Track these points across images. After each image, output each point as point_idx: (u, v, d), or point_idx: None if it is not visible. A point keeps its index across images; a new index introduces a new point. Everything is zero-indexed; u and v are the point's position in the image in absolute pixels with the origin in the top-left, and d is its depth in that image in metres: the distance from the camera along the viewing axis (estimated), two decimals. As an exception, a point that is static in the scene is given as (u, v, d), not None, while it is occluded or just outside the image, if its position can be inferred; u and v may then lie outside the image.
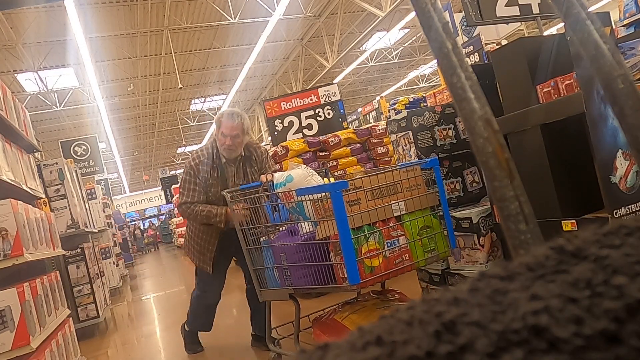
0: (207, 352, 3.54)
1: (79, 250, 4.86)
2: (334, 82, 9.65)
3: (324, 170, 2.61)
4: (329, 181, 2.56)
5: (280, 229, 2.46)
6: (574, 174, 2.37)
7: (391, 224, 2.15)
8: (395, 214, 2.17)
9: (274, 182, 2.43)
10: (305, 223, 2.26)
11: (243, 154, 2.94)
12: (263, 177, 2.72)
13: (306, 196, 2.11)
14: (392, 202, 2.16)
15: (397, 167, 2.27)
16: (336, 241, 2.02)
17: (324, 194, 2.04)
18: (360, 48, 13.13)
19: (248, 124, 2.94)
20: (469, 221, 2.77)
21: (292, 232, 2.35)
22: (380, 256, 2.07)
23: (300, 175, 2.35)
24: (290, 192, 2.25)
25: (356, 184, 2.09)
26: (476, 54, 5.50)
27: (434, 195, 2.30)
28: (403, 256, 2.16)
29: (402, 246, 2.15)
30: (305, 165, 2.53)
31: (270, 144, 5.40)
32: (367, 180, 2.11)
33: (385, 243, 2.10)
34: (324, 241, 2.12)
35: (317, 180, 2.35)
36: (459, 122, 3.12)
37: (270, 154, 3.20)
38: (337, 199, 1.93)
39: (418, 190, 2.24)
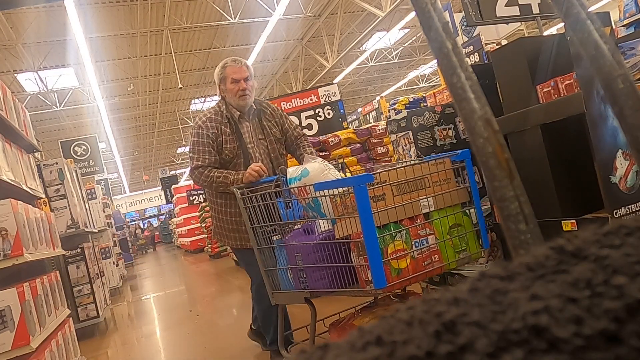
0: (207, 352, 3.54)
1: (79, 250, 4.86)
2: (334, 82, 9.65)
3: (340, 165, 2.42)
4: (345, 176, 2.37)
5: (294, 227, 2.26)
6: (574, 174, 2.37)
7: (419, 222, 1.96)
8: (424, 211, 1.98)
9: (288, 176, 2.24)
10: (322, 221, 2.07)
11: (254, 107, 2.71)
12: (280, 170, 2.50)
13: (324, 191, 1.94)
14: (420, 197, 1.98)
15: (425, 160, 2.11)
16: (358, 241, 1.86)
17: (343, 189, 1.87)
18: (360, 48, 13.13)
19: (253, 71, 2.76)
20: (469, 221, 2.77)
21: (308, 231, 2.16)
22: (408, 257, 1.90)
23: (316, 169, 2.16)
24: (306, 188, 2.07)
25: (381, 178, 1.90)
26: (476, 54, 5.51)
27: (464, 191, 2.13)
28: (432, 257, 1.98)
29: (432, 246, 1.98)
30: (321, 159, 2.29)
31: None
32: (393, 173, 1.93)
33: (412, 243, 1.93)
34: (344, 240, 1.95)
35: (334, 174, 2.17)
36: (459, 122, 3.12)
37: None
38: (362, 193, 1.75)
39: (448, 185, 2.07)
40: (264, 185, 2.41)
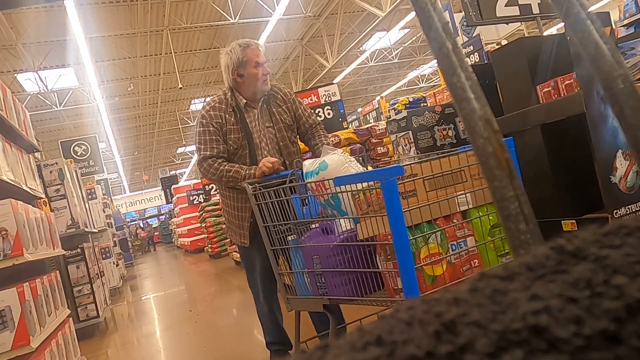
0: (207, 352, 3.54)
1: (79, 250, 4.86)
2: (334, 82, 9.65)
3: (360, 158, 2.21)
4: (367, 169, 2.12)
5: (311, 226, 2.03)
6: (574, 174, 2.37)
7: (455, 222, 1.72)
8: (461, 209, 1.75)
9: (304, 170, 2.04)
10: (343, 220, 1.85)
11: (266, 92, 2.52)
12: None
13: (345, 187, 1.72)
14: (456, 193, 1.74)
15: (461, 150, 1.85)
16: (386, 243, 1.65)
17: (368, 183, 1.66)
18: (360, 48, 13.13)
19: None
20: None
21: (327, 231, 1.93)
22: (444, 262, 1.67)
23: (336, 161, 1.93)
24: (324, 183, 1.85)
25: (412, 170, 1.67)
26: (476, 54, 5.51)
27: None
28: (471, 262, 1.74)
29: (470, 249, 1.74)
30: (341, 150, 2.04)
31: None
32: (425, 166, 1.69)
33: (449, 246, 1.70)
34: (368, 242, 1.73)
35: (355, 167, 1.94)
36: (459, 122, 3.12)
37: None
38: (391, 188, 1.51)
39: None
40: (278, 180, 2.23)
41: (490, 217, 1.79)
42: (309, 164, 2.03)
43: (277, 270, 2.15)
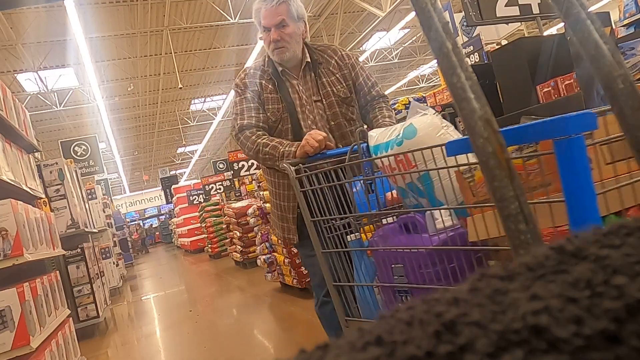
0: (207, 352, 3.54)
1: (79, 250, 4.86)
2: (334, 82, 9.63)
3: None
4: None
5: (383, 221, 1.54)
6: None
7: None
8: None
9: (370, 143, 1.55)
10: (441, 213, 1.28)
11: (309, 58, 2.01)
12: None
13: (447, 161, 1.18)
14: None
15: None
16: None
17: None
18: (360, 48, 13.13)
19: (299, 7, 1.97)
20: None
21: (409, 228, 1.38)
22: None
23: (429, 126, 1.36)
24: (409, 157, 1.32)
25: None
26: (476, 54, 5.51)
27: None
28: None
29: None
30: (432, 109, 1.43)
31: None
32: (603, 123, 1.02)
33: None
34: (489, 248, 1.15)
35: (454, 134, 1.37)
36: (459, 122, 3.12)
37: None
38: (576, 152, 0.82)
39: None
40: (330, 159, 1.79)
41: None
42: (379, 134, 1.52)
43: (331, 281, 1.62)
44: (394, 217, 1.51)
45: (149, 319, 5.67)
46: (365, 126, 2.09)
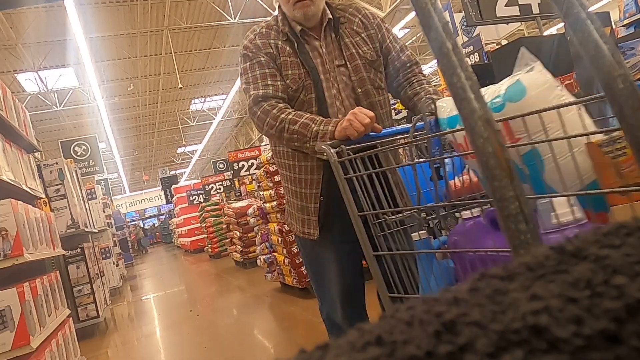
0: (207, 352, 3.54)
1: (79, 250, 4.86)
2: (334, 82, 9.65)
3: None
4: None
5: (461, 214, 1.21)
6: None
7: None
8: None
9: (444, 115, 1.25)
10: (552, 204, 0.93)
11: (330, 15, 1.70)
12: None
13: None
14: None
15: None
16: None
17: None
18: (360, 48, 13.13)
19: None
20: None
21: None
22: None
23: (541, 83, 1.03)
24: (511, 127, 1.01)
25: None
26: (476, 54, 5.51)
27: None
28: None
29: None
30: (542, 66, 1.08)
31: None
32: None
33: None
34: None
35: (569, 96, 1.05)
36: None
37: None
38: None
39: None
40: (377, 140, 1.43)
41: None
42: (449, 104, 1.25)
43: (386, 292, 1.30)
44: (469, 209, 1.18)
45: (149, 319, 5.67)
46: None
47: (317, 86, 1.64)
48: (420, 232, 1.26)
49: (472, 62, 5.30)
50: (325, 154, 1.37)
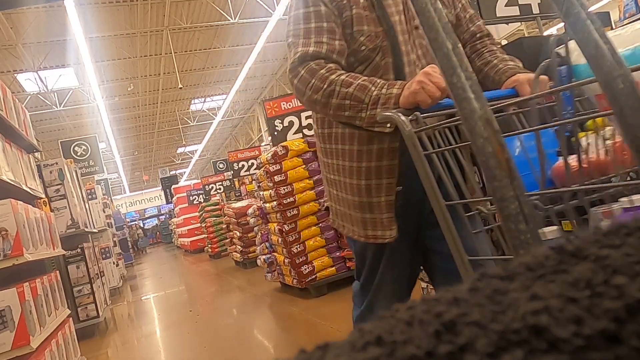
0: (207, 352, 3.54)
1: (79, 250, 4.86)
2: (334, 82, 9.64)
3: None
4: None
5: (621, 199, 0.91)
6: (574, 174, 2.37)
7: None
8: None
9: (579, 60, 0.94)
10: None
11: None
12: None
13: None
14: None
15: None
16: None
17: None
18: (360, 48, 13.13)
19: None
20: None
21: None
22: None
23: None
24: None
25: None
26: (476, 54, 5.50)
27: None
28: None
29: None
30: None
31: (270, 144, 5.40)
32: None
33: None
34: None
35: None
36: (459, 122, 3.12)
37: None
38: None
39: None
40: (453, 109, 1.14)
41: None
42: (577, 47, 0.79)
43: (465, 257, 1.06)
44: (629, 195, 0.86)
45: (149, 319, 5.67)
46: None
47: (395, 50, 1.32)
48: (548, 230, 0.87)
49: (472, 62, 5.30)
50: (389, 125, 1.07)
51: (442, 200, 0.99)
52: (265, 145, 10.89)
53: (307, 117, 5.25)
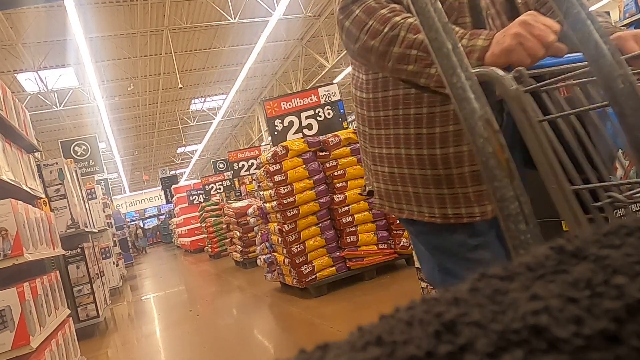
0: (207, 352, 3.54)
1: (79, 250, 4.86)
2: (334, 82, 9.65)
3: None
4: None
5: None
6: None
7: None
8: None
9: None
10: None
11: None
12: None
13: None
14: None
15: None
16: None
17: None
18: (360, 48, 13.12)
19: None
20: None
21: None
22: None
23: None
24: None
25: None
26: (476, 54, 5.50)
27: None
28: None
29: None
30: None
31: (270, 144, 5.40)
32: None
33: None
34: None
35: None
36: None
37: None
38: None
39: None
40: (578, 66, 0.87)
41: None
42: None
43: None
44: None
45: (149, 319, 5.67)
46: None
47: (474, 9, 1.07)
48: None
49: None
50: (480, 79, 0.76)
51: (566, 183, 0.73)
52: (265, 145, 10.89)
53: (307, 117, 5.25)
